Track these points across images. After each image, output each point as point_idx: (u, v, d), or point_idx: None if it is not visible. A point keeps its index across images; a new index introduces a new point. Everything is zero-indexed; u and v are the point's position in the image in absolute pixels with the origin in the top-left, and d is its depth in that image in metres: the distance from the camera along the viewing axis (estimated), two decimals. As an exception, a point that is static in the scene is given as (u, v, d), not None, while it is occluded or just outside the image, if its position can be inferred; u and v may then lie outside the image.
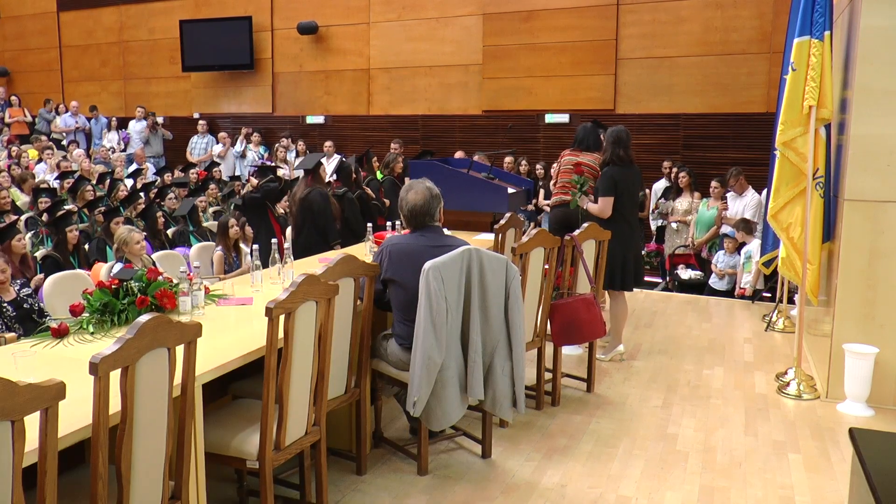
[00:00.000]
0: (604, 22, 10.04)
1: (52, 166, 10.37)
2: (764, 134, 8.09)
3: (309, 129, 12.26)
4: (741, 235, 7.34)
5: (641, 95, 9.99)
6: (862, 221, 4.51)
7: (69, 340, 3.08)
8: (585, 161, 5.75)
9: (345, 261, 3.34)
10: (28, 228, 7.12)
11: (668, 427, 4.25)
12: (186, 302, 3.42)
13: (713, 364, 5.37)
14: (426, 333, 3.28)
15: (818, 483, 3.59)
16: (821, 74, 4.60)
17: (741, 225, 7.34)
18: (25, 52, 14.60)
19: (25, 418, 1.85)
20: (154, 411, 2.33)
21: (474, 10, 10.81)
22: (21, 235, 5.56)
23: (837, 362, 4.57)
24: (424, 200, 3.56)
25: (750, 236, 7.27)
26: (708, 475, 3.67)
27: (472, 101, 11.02)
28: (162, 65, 13.35)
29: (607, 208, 5.19)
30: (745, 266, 7.29)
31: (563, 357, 4.84)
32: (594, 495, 3.47)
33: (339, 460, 3.71)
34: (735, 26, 9.42)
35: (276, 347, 2.79)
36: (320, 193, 6.02)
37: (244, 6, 12.38)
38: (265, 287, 4.04)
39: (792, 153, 4.79)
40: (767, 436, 4.14)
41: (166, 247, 6.69)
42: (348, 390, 3.54)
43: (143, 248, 4.91)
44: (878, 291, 4.51)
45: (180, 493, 2.51)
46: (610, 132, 5.32)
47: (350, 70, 11.84)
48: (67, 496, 2.31)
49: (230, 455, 2.89)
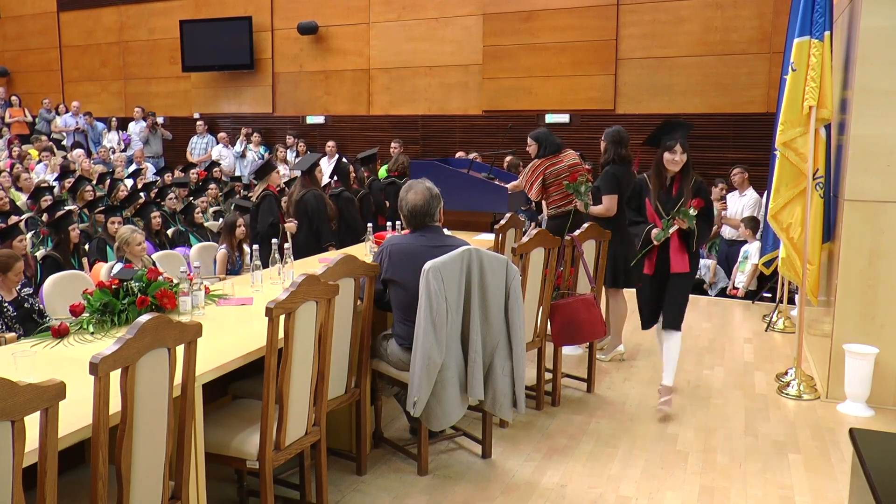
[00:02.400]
0: (604, 22, 10.04)
1: (52, 166, 10.36)
2: (764, 134, 8.10)
3: (309, 130, 12.26)
4: (746, 233, 7.36)
5: (641, 95, 9.99)
6: (862, 221, 4.51)
7: (69, 340, 3.08)
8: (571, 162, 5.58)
9: (345, 261, 3.34)
10: (28, 228, 7.12)
11: (668, 427, 4.25)
12: (186, 302, 3.42)
13: (713, 364, 5.37)
14: (426, 333, 3.28)
15: (818, 483, 3.59)
16: (821, 74, 4.60)
17: (748, 222, 7.37)
18: (25, 52, 14.59)
19: (25, 418, 1.85)
20: (154, 411, 2.33)
21: (474, 10, 10.81)
22: (22, 236, 5.57)
23: (837, 362, 4.57)
24: (424, 201, 3.56)
25: (753, 236, 7.30)
26: (708, 475, 3.67)
27: (472, 101, 11.02)
28: (162, 65, 13.35)
29: (613, 206, 5.18)
30: (741, 266, 7.34)
31: (564, 357, 4.84)
32: (594, 495, 3.47)
33: (339, 460, 3.71)
34: (735, 26, 9.42)
35: (276, 347, 2.79)
36: (314, 195, 6.08)
37: (244, 6, 12.38)
38: (265, 287, 4.04)
39: (792, 153, 4.79)
40: (767, 436, 4.14)
41: (166, 247, 6.69)
42: (348, 390, 3.54)
43: (144, 249, 4.91)
44: (878, 291, 4.51)
45: (180, 493, 2.51)
46: (611, 132, 5.31)
47: (350, 70, 11.84)
48: (67, 496, 2.31)
49: (230, 455, 2.89)
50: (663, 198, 4.23)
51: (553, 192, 5.59)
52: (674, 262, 4.25)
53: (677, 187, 4.23)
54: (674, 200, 4.20)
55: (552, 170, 5.57)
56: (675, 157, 4.14)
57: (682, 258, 4.25)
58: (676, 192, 4.21)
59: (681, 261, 4.25)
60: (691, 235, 4.19)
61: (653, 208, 4.25)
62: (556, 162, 5.58)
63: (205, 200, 8.47)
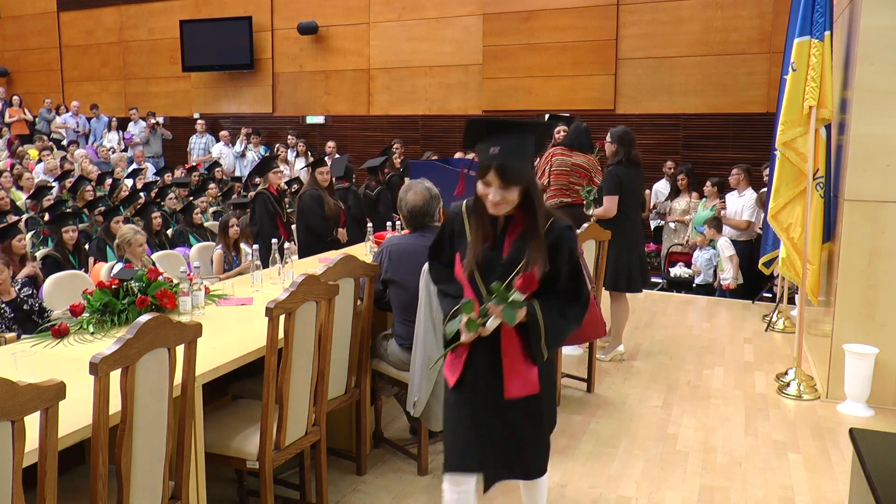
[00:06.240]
0: (604, 22, 10.04)
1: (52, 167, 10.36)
2: (764, 134, 8.10)
3: (309, 130, 12.27)
4: (711, 233, 7.57)
5: (641, 95, 9.99)
6: (862, 221, 4.51)
7: (69, 340, 3.08)
8: (578, 162, 5.74)
9: (345, 261, 3.34)
10: (28, 228, 7.12)
11: (668, 427, 4.25)
12: (186, 302, 3.42)
13: (713, 364, 5.37)
14: (426, 333, 3.28)
15: (818, 483, 3.59)
16: (821, 74, 4.60)
17: (711, 222, 7.59)
18: (25, 52, 14.60)
19: (25, 418, 1.85)
20: (154, 411, 2.32)
21: (474, 10, 10.81)
22: (21, 236, 5.56)
23: (837, 362, 4.57)
24: (424, 201, 3.56)
25: (718, 234, 7.51)
26: (708, 475, 3.67)
27: (472, 101, 11.02)
28: (162, 65, 13.35)
29: (613, 207, 5.18)
30: (720, 264, 7.44)
31: (564, 357, 4.84)
32: (594, 495, 3.47)
33: (339, 460, 3.71)
34: (735, 26, 9.42)
35: (276, 347, 2.79)
36: (311, 194, 6.24)
37: (244, 6, 12.38)
38: (265, 287, 4.04)
39: (792, 153, 4.79)
40: (767, 436, 4.14)
41: (166, 247, 6.69)
42: (348, 390, 3.54)
43: (145, 250, 4.91)
44: (878, 291, 4.50)
45: (180, 493, 2.51)
46: (620, 133, 5.23)
47: (350, 70, 11.84)
48: (67, 496, 2.31)
49: (230, 455, 2.89)
50: (487, 255, 2.35)
51: (553, 180, 5.75)
52: (508, 379, 2.38)
53: (511, 239, 2.34)
54: (503, 265, 2.32)
55: (559, 159, 5.74)
56: (491, 192, 2.25)
57: (523, 370, 2.38)
58: (509, 249, 2.33)
59: (520, 376, 2.38)
60: (537, 331, 2.32)
61: (465, 272, 2.38)
62: (567, 155, 5.75)
63: (204, 200, 8.47)
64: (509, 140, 2.26)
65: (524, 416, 2.42)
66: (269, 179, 6.47)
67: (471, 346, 2.37)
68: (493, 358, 2.38)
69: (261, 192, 6.36)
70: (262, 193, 6.31)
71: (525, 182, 2.26)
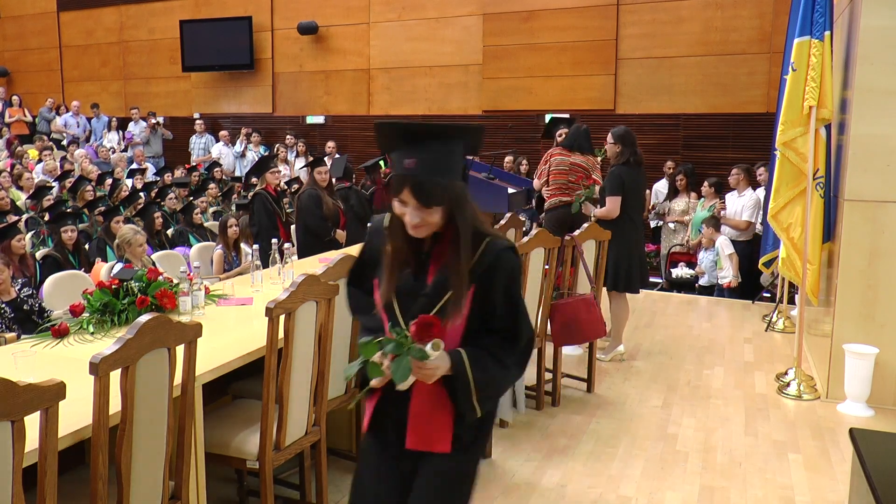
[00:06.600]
0: (604, 22, 10.03)
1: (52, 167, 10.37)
2: (764, 134, 8.10)
3: (309, 130, 12.26)
4: (710, 232, 7.55)
5: (641, 95, 9.99)
6: (862, 221, 4.51)
7: (69, 340, 3.08)
8: (577, 161, 5.75)
9: (345, 261, 3.33)
10: (28, 228, 7.12)
11: (668, 427, 4.25)
12: (186, 302, 3.42)
13: (713, 364, 5.37)
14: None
15: (818, 483, 3.59)
16: (821, 74, 4.60)
17: (710, 222, 7.57)
18: (25, 52, 14.59)
19: (25, 418, 1.85)
20: (154, 411, 2.32)
21: (474, 10, 10.81)
22: (21, 235, 5.56)
23: (837, 362, 4.57)
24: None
25: (717, 233, 7.50)
26: (708, 475, 3.67)
27: (472, 101, 11.02)
28: (162, 65, 13.35)
29: (616, 208, 5.16)
30: (719, 263, 7.44)
31: (564, 357, 4.83)
32: (594, 495, 3.47)
33: (339, 460, 3.71)
34: (735, 26, 9.42)
35: (276, 347, 2.79)
36: (309, 194, 6.26)
37: (244, 6, 12.38)
38: (265, 287, 4.04)
39: (792, 153, 4.79)
40: (767, 436, 4.14)
41: (166, 247, 6.69)
42: (348, 390, 3.53)
43: (145, 250, 4.91)
44: (878, 291, 4.50)
45: (180, 493, 2.51)
46: (622, 133, 5.21)
47: (350, 70, 11.84)
48: (67, 496, 2.31)
49: (230, 455, 2.89)
50: (407, 282, 1.97)
51: (552, 180, 5.78)
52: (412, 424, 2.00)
53: (439, 264, 1.93)
54: (426, 294, 1.93)
55: (557, 160, 5.77)
56: (408, 212, 1.87)
57: (433, 419, 1.98)
58: (435, 275, 1.93)
59: (426, 425, 1.99)
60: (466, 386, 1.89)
61: (382, 302, 2.00)
62: (566, 155, 5.77)
63: (204, 200, 8.47)
64: (428, 151, 1.84)
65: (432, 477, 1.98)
66: (267, 179, 6.49)
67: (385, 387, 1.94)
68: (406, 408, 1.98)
69: (259, 192, 6.37)
70: (260, 194, 6.33)
71: (448, 202, 1.84)
